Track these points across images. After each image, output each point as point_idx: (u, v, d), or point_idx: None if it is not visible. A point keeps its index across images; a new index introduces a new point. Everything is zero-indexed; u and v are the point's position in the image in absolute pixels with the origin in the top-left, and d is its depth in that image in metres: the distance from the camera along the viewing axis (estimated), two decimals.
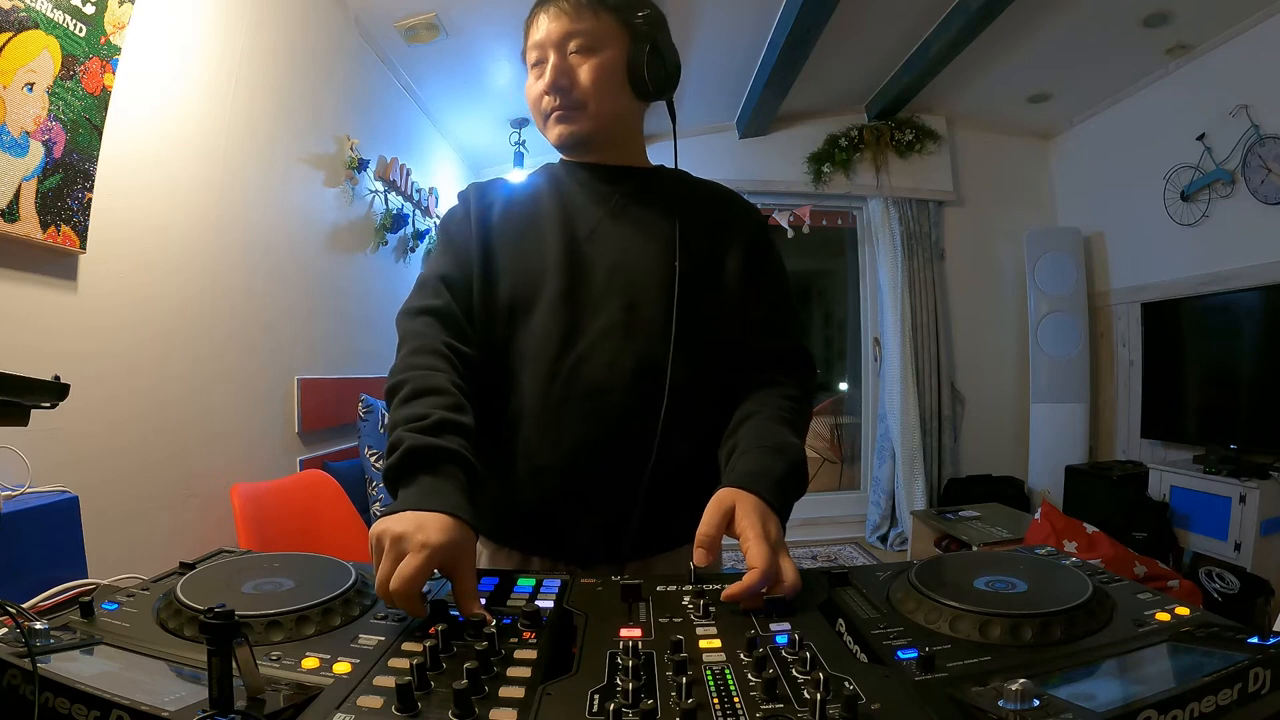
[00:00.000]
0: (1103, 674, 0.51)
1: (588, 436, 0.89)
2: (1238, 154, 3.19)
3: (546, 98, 0.96)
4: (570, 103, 0.95)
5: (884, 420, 4.43)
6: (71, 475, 1.36)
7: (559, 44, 0.94)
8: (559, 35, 0.94)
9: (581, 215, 0.97)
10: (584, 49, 0.94)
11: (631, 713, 0.46)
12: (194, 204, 1.83)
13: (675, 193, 1.02)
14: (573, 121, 0.96)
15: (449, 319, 0.93)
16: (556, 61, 0.94)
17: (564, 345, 0.90)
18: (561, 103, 0.95)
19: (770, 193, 4.46)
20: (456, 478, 0.74)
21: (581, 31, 0.94)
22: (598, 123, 0.97)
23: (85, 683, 0.46)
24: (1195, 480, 3.11)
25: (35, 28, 1.31)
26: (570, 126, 0.96)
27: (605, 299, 0.92)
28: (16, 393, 0.66)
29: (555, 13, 0.95)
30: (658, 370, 0.90)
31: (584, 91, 0.94)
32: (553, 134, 0.98)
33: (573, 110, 0.95)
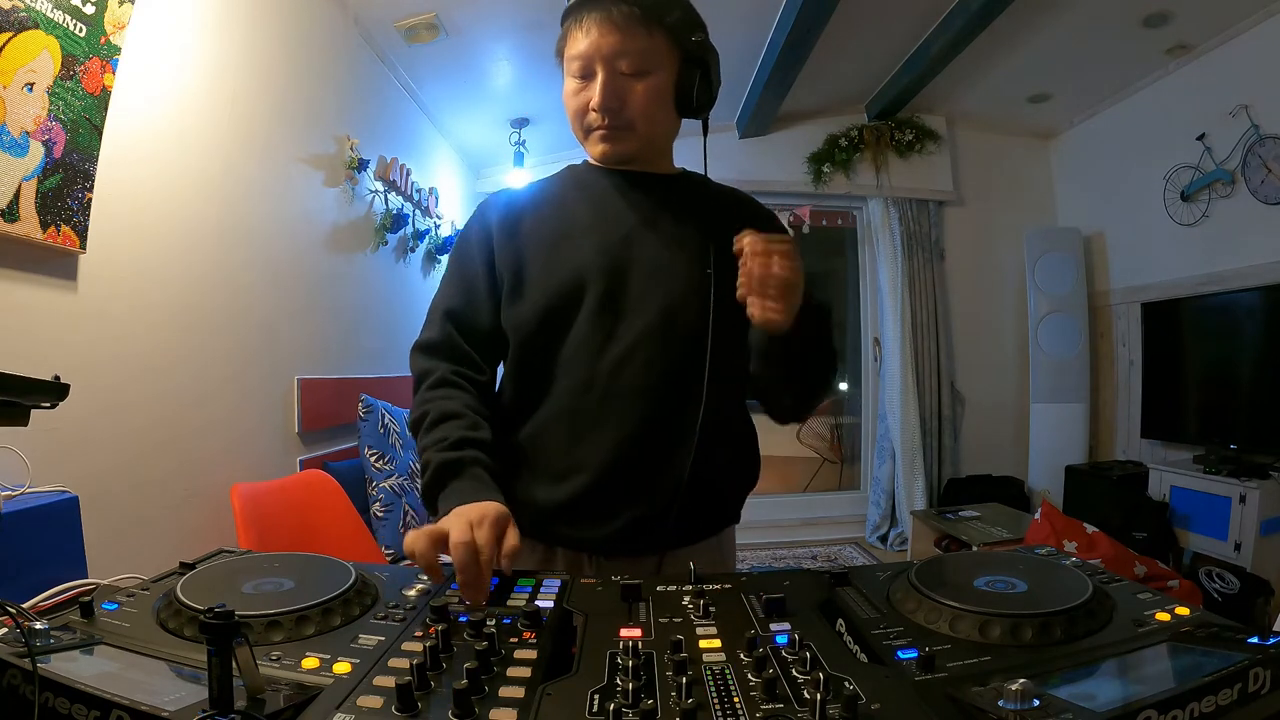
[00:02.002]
0: (1103, 674, 0.51)
1: (628, 435, 0.92)
2: (1238, 154, 3.19)
3: (593, 114, 0.95)
4: (619, 123, 0.96)
5: (884, 420, 4.43)
6: (71, 475, 1.36)
7: (608, 59, 0.92)
8: (610, 51, 0.92)
9: (616, 221, 0.99)
10: (637, 71, 0.93)
11: (631, 713, 0.46)
12: (194, 204, 1.83)
13: (702, 199, 1.04)
14: (620, 142, 0.97)
15: (455, 352, 0.97)
16: (606, 80, 0.93)
17: (603, 348, 0.93)
18: (610, 122, 0.95)
19: (770, 193, 4.45)
20: (481, 478, 0.83)
21: (634, 51, 0.92)
22: (643, 143, 0.99)
23: (85, 683, 0.46)
24: (1195, 480, 3.11)
25: (35, 28, 1.31)
26: (617, 147, 0.98)
27: (642, 304, 0.94)
28: (16, 393, 0.66)
29: (606, 25, 0.92)
30: (695, 372, 0.93)
31: (634, 113, 0.95)
32: (596, 150, 1.00)
33: (620, 130, 0.96)
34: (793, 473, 5.72)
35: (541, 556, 0.97)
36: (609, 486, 0.92)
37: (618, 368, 0.92)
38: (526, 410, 0.96)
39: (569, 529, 0.95)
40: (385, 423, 2.43)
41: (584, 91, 0.95)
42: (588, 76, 0.94)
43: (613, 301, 0.94)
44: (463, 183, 4.18)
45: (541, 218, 1.00)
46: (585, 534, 0.95)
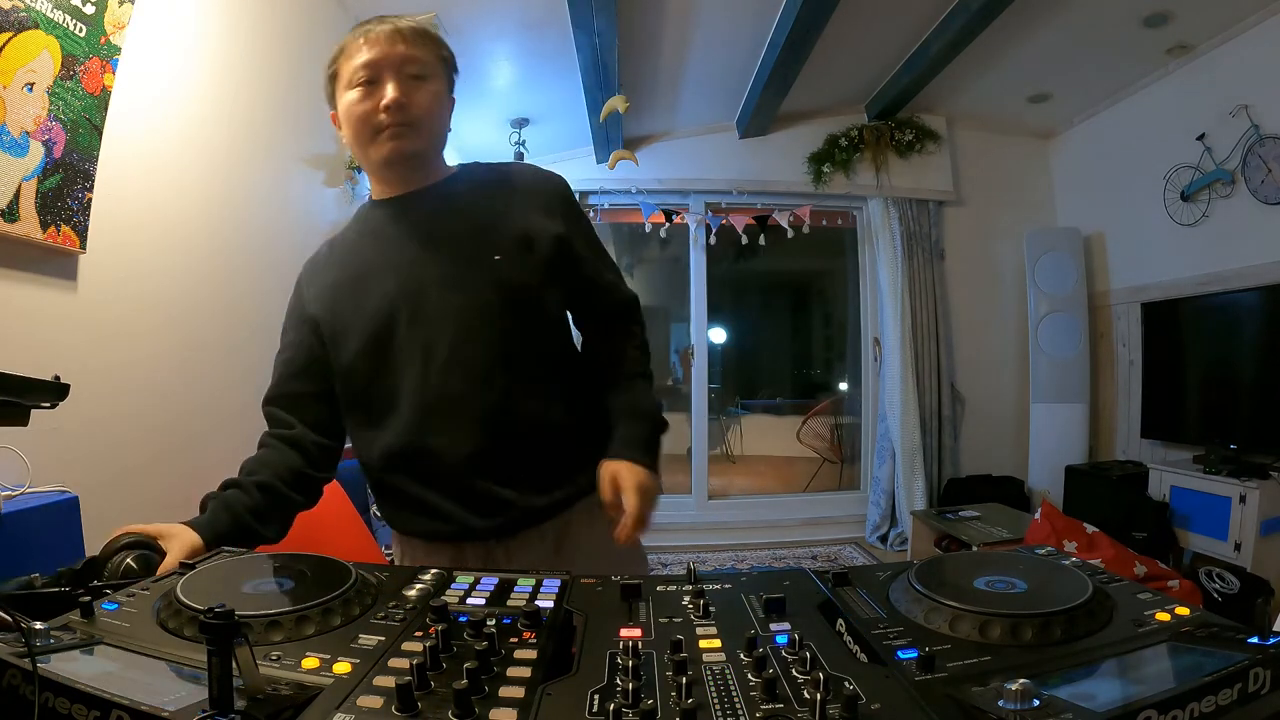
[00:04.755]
0: (1103, 674, 0.51)
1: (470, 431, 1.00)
2: (1238, 154, 3.19)
3: (382, 115, 1.01)
4: (407, 119, 1.02)
5: (884, 420, 4.43)
6: (71, 475, 1.36)
7: (397, 66, 1.01)
8: (398, 59, 1.02)
9: (402, 247, 1.05)
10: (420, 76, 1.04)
11: (631, 713, 0.46)
12: (194, 204, 1.83)
13: (477, 187, 1.11)
14: (407, 139, 1.03)
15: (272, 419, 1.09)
16: (398, 82, 1.01)
17: (425, 367, 1.00)
18: (399, 119, 1.02)
19: (770, 193, 4.46)
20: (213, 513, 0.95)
21: (418, 59, 1.04)
22: (427, 142, 1.07)
23: (85, 683, 0.46)
24: (1195, 480, 3.11)
25: (35, 28, 1.31)
26: (404, 144, 1.03)
27: (445, 315, 1.01)
28: (16, 393, 0.66)
29: (394, 36, 1.02)
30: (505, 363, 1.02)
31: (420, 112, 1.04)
32: (384, 150, 1.03)
33: (408, 128, 1.03)
34: (793, 473, 5.72)
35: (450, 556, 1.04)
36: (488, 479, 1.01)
37: (443, 378, 0.99)
38: (379, 441, 1.03)
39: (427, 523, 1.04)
40: None
41: (372, 95, 1.00)
42: (372, 82, 1.01)
43: (421, 322, 1.00)
44: None
45: (343, 268, 1.08)
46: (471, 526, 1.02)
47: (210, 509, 0.95)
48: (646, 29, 3.12)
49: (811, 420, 6.00)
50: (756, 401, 7.28)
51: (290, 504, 1.01)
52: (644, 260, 6.25)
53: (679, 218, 4.49)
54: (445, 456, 1.00)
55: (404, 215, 1.07)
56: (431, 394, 1.00)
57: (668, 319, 6.18)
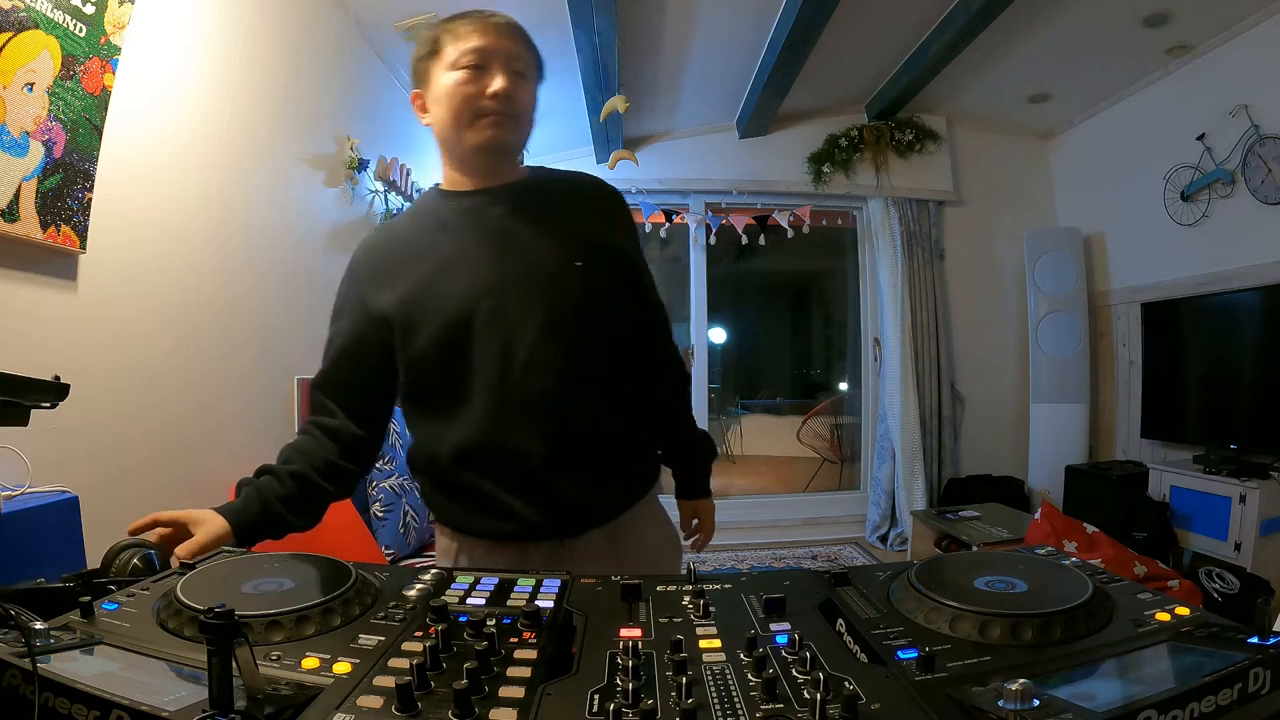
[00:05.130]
0: (1103, 674, 0.51)
1: (546, 432, 1.02)
2: (1238, 154, 3.19)
3: (489, 101, 1.02)
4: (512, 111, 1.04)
5: (884, 420, 4.43)
6: (71, 475, 1.36)
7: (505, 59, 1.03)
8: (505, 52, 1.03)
9: (483, 242, 1.06)
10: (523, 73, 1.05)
11: (631, 713, 0.46)
12: (194, 204, 1.83)
13: (551, 193, 1.13)
14: (507, 129, 1.04)
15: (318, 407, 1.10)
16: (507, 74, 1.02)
17: (505, 364, 1.00)
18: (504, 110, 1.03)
19: (770, 193, 4.46)
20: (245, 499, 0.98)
21: (522, 56, 1.05)
22: (523, 137, 1.09)
23: (85, 683, 0.46)
24: (1195, 480, 3.11)
25: (35, 28, 1.31)
26: (503, 133, 1.04)
27: (529, 314, 1.02)
28: (16, 393, 0.66)
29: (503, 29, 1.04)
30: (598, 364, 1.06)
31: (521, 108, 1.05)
32: (483, 136, 1.04)
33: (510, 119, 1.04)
34: (793, 473, 5.72)
35: (514, 557, 1.04)
36: (559, 479, 1.02)
37: (523, 377, 1.00)
38: (450, 435, 1.03)
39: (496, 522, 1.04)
40: None
41: (478, 80, 1.01)
42: (480, 68, 1.01)
43: (501, 320, 1.01)
44: None
45: (419, 257, 1.06)
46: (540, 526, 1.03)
47: (242, 495, 0.96)
48: (646, 29, 3.12)
49: (811, 420, 6.00)
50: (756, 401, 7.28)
51: (323, 494, 1.04)
52: None
53: (679, 218, 4.49)
54: (522, 456, 1.01)
55: (484, 210, 1.07)
56: (511, 392, 1.00)
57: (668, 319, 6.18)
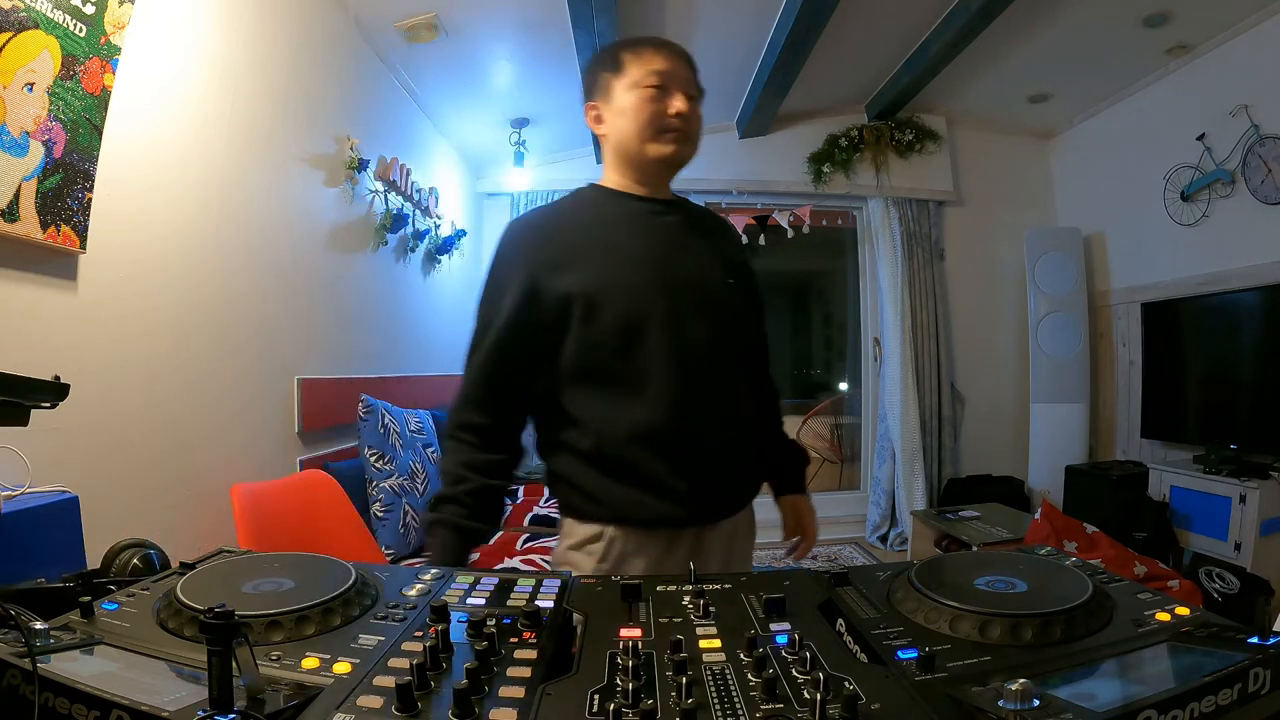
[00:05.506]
0: (1103, 674, 0.51)
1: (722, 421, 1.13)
2: (1238, 154, 3.19)
3: (674, 119, 1.13)
4: (692, 130, 1.17)
5: (884, 420, 4.43)
6: (71, 475, 1.36)
7: (684, 83, 1.15)
8: (684, 77, 1.15)
9: (660, 243, 1.15)
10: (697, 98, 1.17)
11: (631, 713, 0.46)
12: (194, 204, 1.83)
13: (699, 218, 1.27)
14: (686, 145, 1.17)
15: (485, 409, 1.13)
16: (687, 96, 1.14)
17: (681, 359, 1.08)
18: (685, 128, 1.15)
19: (770, 193, 4.46)
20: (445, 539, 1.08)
21: (695, 83, 1.18)
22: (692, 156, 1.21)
23: (85, 683, 0.46)
24: (1195, 480, 3.11)
25: (35, 28, 1.31)
26: (683, 149, 1.17)
27: (703, 316, 1.12)
28: (16, 393, 0.66)
29: (682, 58, 1.16)
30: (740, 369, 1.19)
31: (696, 129, 1.18)
32: (665, 150, 1.15)
33: (689, 138, 1.17)
34: None
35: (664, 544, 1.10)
36: (718, 467, 1.12)
37: (699, 369, 1.09)
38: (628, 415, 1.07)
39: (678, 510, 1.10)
40: (385, 423, 2.43)
41: (660, 100, 1.12)
42: (662, 88, 1.12)
43: (683, 314, 1.10)
44: (463, 183, 4.18)
45: (603, 245, 1.12)
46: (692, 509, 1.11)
47: (439, 540, 1.07)
48: (646, 29, 3.12)
49: (811, 420, 6.00)
50: None
51: (502, 493, 1.14)
52: None
53: None
54: (698, 440, 1.09)
55: (659, 217, 1.18)
56: (691, 382, 1.08)
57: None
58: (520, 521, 2.97)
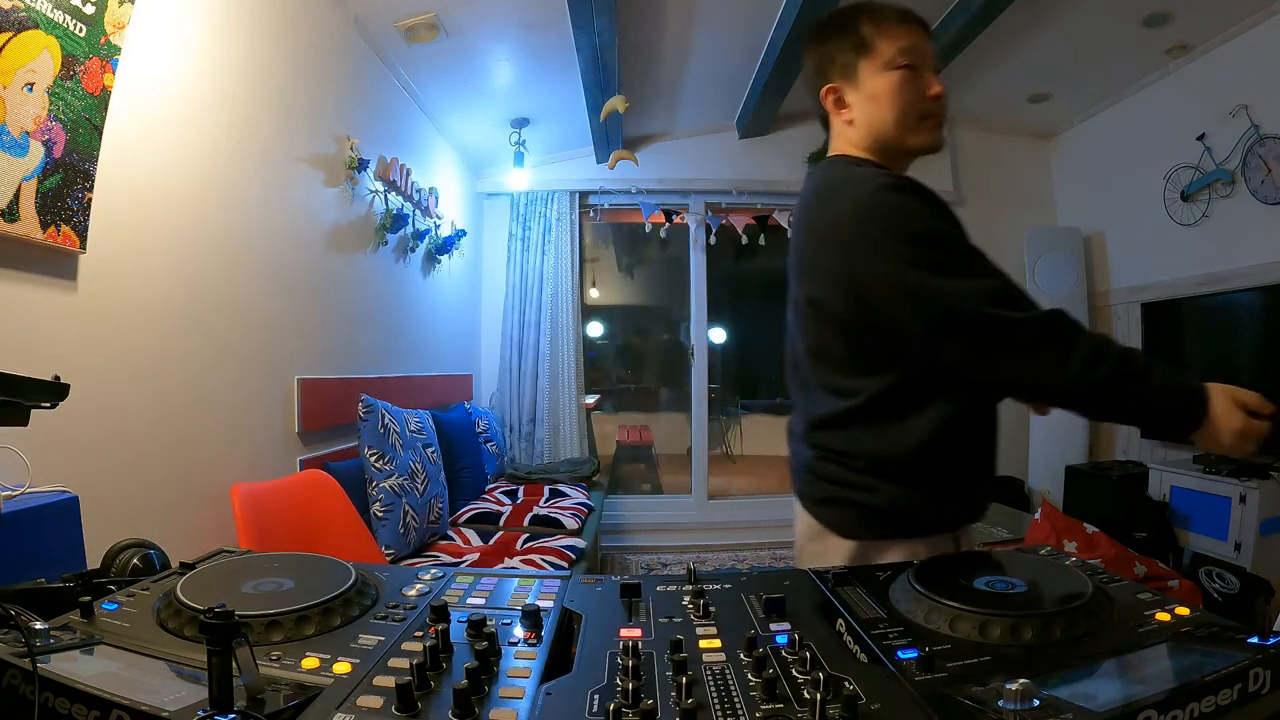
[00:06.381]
0: (1103, 674, 0.51)
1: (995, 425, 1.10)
2: (1238, 154, 3.19)
3: (934, 103, 1.05)
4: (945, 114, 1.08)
5: None
6: (71, 475, 1.36)
7: (930, 60, 1.05)
8: (929, 53, 1.05)
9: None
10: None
11: (631, 713, 0.46)
12: (194, 204, 1.83)
13: None
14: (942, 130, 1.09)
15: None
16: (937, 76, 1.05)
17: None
18: (943, 112, 1.07)
19: (770, 193, 4.46)
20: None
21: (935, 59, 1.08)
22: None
23: (85, 683, 0.46)
24: (1195, 480, 3.11)
25: (35, 28, 1.31)
26: (941, 135, 1.10)
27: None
28: (16, 393, 0.66)
29: (924, 31, 1.06)
30: None
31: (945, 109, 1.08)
32: (929, 138, 1.09)
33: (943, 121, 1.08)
34: None
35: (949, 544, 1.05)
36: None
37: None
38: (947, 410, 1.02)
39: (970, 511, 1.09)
40: (385, 423, 2.43)
41: (916, 81, 1.02)
42: (915, 68, 1.02)
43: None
44: (463, 183, 4.18)
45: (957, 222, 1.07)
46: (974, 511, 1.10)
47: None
48: (646, 29, 3.12)
49: None
50: (757, 401, 7.27)
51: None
52: (644, 260, 6.25)
53: (679, 218, 4.49)
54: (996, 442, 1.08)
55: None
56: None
57: (668, 319, 6.18)
58: (520, 521, 2.97)
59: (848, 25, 1.06)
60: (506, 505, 3.18)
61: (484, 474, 3.56)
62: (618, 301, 6.63)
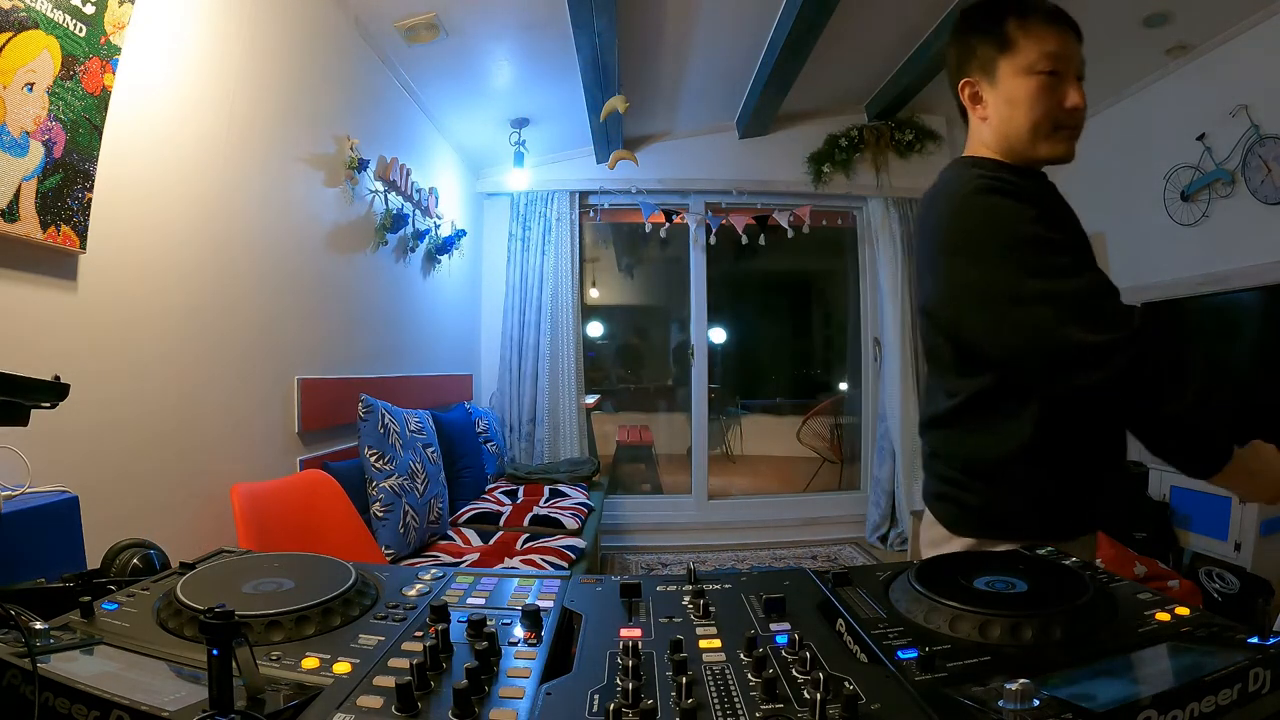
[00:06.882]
0: (1103, 674, 0.51)
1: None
2: (1238, 154, 3.19)
3: (1071, 114, 1.01)
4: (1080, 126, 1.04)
5: (884, 420, 4.43)
6: (71, 475, 1.36)
7: (1077, 67, 1.01)
8: (1078, 60, 1.01)
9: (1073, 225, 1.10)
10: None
11: (631, 713, 0.46)
12: (194, 204, 1.83)
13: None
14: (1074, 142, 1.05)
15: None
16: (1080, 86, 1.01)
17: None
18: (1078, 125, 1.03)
19: (770, 193, 4.46)
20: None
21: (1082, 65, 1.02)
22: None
23: (85, 683, 0.46)
24: (1195, 480, 3.10)
25: (35, 28, 1.31)
26: (1073, 147, 1.05)
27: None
28: (16, 393, 0.66)
29: (1074, 36, 1.01)
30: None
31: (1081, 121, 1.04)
32: (1060, 149, 1.04)
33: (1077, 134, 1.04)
34: (793, 473, 5.72)
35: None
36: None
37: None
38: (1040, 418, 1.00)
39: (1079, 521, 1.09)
40: (385, 423, 2.43)
41: (1055, 90, 0.98)
42: (1057, 74, 0.98)
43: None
44: (463, 183, 4.18)
45: (1060, 219, 1.05)
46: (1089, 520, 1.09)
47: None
48: (646, 29, 3.12)
49: (811, 420, 6.00)
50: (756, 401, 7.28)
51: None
52: (644, 260, 6.25)
53: (679, 218, 4.49)
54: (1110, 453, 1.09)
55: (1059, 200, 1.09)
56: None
57: (668, 319, 6.19)
58: (520, 521, 2.97)
59: (993, 19, 1.03)
60: (506, 505, 3.19)
61: (484, 474, 3.56)
62: (618, 301, 6.63)
